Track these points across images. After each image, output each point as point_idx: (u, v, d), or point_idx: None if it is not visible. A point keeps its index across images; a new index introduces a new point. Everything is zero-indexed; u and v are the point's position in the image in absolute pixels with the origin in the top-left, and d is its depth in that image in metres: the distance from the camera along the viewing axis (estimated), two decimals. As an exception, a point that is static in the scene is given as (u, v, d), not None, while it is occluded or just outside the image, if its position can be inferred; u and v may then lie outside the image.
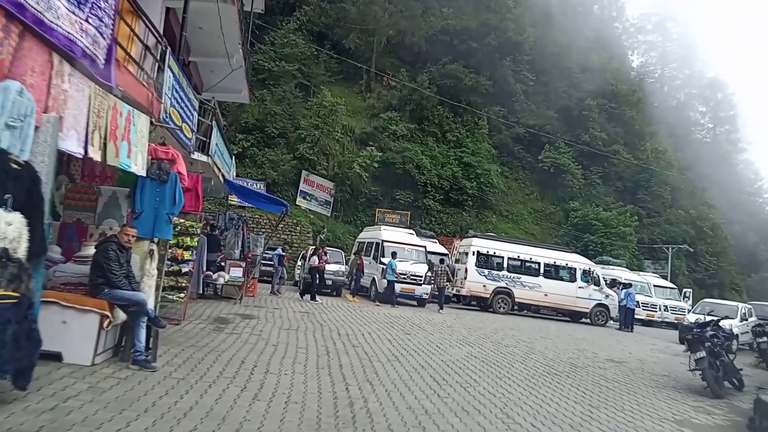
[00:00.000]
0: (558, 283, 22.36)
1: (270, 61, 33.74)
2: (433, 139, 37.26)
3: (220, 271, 15.02)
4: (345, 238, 31.24)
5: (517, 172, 40.94)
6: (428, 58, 39.75)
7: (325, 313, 14.54)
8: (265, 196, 13.82)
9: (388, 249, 20.66)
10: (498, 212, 37.54)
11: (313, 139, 31.25)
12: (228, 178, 13.92)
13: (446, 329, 14.25)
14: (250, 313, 12.57)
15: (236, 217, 15.79)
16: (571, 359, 11.80)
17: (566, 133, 42.05)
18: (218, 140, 12.22)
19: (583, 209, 38.31)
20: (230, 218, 15.60)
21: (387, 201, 34.08)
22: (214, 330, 9.72)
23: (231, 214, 15.68)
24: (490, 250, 22.15)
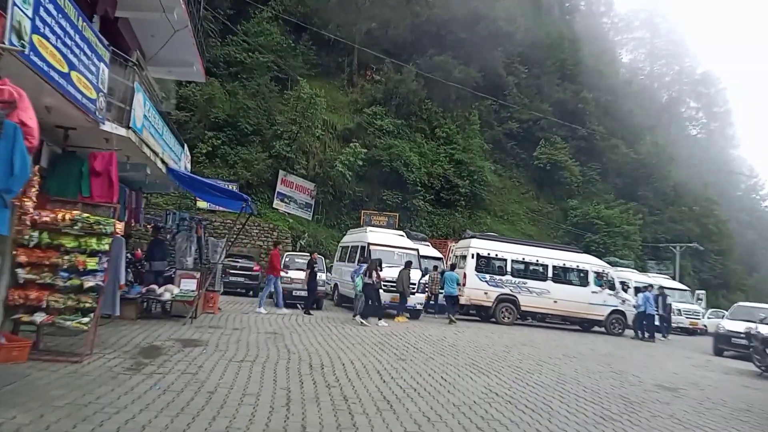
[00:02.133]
0: (568, 288, 19.69)
1: (243, 52, 30.95)
2: (422, 135, 34.64)
3: (168, 284, 12.15)
4: (328, 243, 28.41)
5: (511, 169, 38.45)
6: (414, 50, 37.20)
7: (301, 333, 11.70)
8: (219, 189, 11.00)
9: (376, 253, 17.87)
10: (492, 212, 34.98)
11: (291, 135, 28.43)
12: (174, 167, 11.06)
13: (449, 349, 11.48)
14: (197, 338, 9.70)
15: (188, 218, 12.90)
16: (616, 389, 9.08)
17: (562, 128, 39.67)
18: (151, 113, 9.37)
19: (583, 207, 35.91)
20: (181, 219, 12.71)
21: (373, 202, 31.34)
22: (128, 369, 6.86)
23: (182, 214, 12.80)
24: (492, 252, 19.45)
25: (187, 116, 27.85)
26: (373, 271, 14.94)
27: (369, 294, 14.93)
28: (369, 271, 14.97)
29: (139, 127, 8.58)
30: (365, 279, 14.98)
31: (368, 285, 14.92)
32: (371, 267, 15.06)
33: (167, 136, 11.09)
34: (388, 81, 34.29)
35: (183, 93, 28.31)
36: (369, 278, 14.90)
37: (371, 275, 14.89)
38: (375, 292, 14.99)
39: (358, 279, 15.51)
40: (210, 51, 30.83)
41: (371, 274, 14.91)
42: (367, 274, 14.95)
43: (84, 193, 7.68)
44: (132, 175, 10.71)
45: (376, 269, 15.10)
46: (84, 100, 6.78)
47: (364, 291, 15.05)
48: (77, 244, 7.19)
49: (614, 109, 42.64)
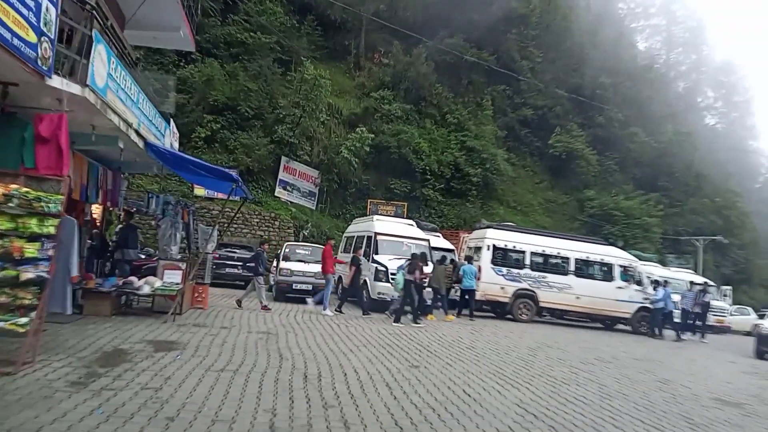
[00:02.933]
0: (592, 282, 18.15)
1: (244, 32, 29.36)
2: (432, 121, 33.02)
3: (149, 276, 10.74)
4: (332, 233, 26.91)
5: (524, 158, 36.79)
6: (424, 32, 35.38)
7: (299, 333, 10.28)
8: (205, 167, 9.55)
9: (383, 244, 16.44)
10: (505, 203, 33.39)
11: (294, 119, 26.90)
12: (153, 142, 9.61)
13: (467, 353, 10.02)
14: (175, 340, 8.29)
15: (173, 202, 11.43)
16: (671, 405, 7.59)
17: (578, 115, 37.97)
18: (120, 74, 7.91)
19: (601, 198, 34.24)
20: (165, 202, 11.26)
21: (380, 191, 29.84)
22: (73, 384, 5.45)
23: (167, 198, 11.33)
24: (509, 243, 17.92)
25: (184, 99, 26.36)
26: (416, 268, 13.60)
27: (410, 292, 13.58)
28: (412, 268, 13.61)
29: (101, 88, 7.12)
30: (407, 276, 13.61)
31: (410, 282, 13.56)
32: (415, 263, 13.70)
33: (146, 106, 9.64)
34: (397, 64, 32.67)
35: (181, 74, 26.86)
36: (411, 275, 13.53)
37: (414, 272, 13.55)
38: (417, 291, 13.70)
39: (399, 275, 14.13)
40: (210, 30, 29.41)
41: (414, 270, 13.56)
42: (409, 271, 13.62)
43: (27, 164, 6.25)
44: (103, 150, 9.28)
45: (420, 266, 13.75)
46: (16, 41, 5.33)
47: (404, 289, 13.67)
48: (13, 226, 5.76)
49: (632, 96, 40.79)
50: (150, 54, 27.23)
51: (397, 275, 14.20)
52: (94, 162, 9.64)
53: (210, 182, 10.65)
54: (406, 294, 13.65)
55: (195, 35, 28.90)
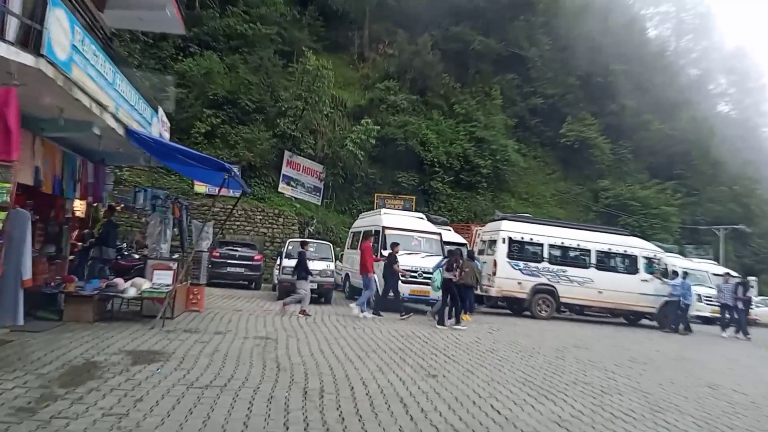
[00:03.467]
0: (615, 276, 17.07)
1: (243, 24, 28.40)
2: (439, 112, 31.96)
3: (136, 278, 9.79)
4: (338, 230, 26.06)
5: (535, 148, 35.62)
6: (429, 21, 34.41)
7: (301, 337, 9.29)
8: (193, 156, 8.57)
9: (391, 238, 15.40)
10: (517, 195, 32.30)
11: (296, 112, 25.95)
12: (135, 129, 8.64)
13: (488, 357, 9.00)
14: (159, 349, 7.32)
15: (163, 196, 10.46)
16: (733, 418, 6.52)
17: (590, 103, 36.75)
18: (89, 48, 6.93)
19: (616, 188, 33.05)
20: (154, 197, 10.29)
21: (387, 185, 28.84)
22: (18, 411, 4.47)
23: (155, 192, 10.36)
24: (526, 235, 16.85)
25: (183, 93, 25.46)
26: (454, 265, 12.59)
27: (451, 291, 12.55)
28: (450, 265, 12.60)
29: (63, 61, 6.13)
30: (446, 274, 12.59)
31: (449, 281, 12.52)
32: (453, 260, 12.68)
33: (125, 88, 8.66)
34: (402, 53, 31.61)
35: (179, 68, 25.97)
36: (450, 273, 12.51)
37: (452, 270, 12.52)
38: (457, 290, 12.64)
39: (437, 273, 13.17)
40: (208, 23, 28.51)
41: (452, 268, 12.54)
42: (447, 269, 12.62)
43: (-32, 147, 5.27)
44: (78, 138, 8.31)
45: (459, 263, 12.75)
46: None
47: (443, 288, 12.67)
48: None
49: (645, 83, 39.51)
50: (147, 48, 26.41)
51: (435, 274, 13.27)
52: (69, 152, 8.69)
53: (201, 173, 9.67)
54: (448, 294, 12.61)
55: (192, 26, 28.33)
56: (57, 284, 8.84)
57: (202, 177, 10.29)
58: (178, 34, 26.65)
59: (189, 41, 27.52)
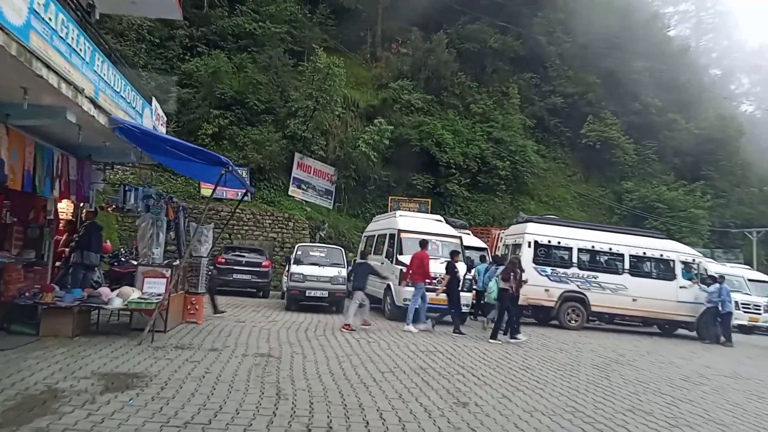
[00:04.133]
0: (650, 282, 15.72)
1: (252, 23, 27.53)
2: (455, 112, 30.80)
3: (124, 287, 8.75)
4: (351, 234, 24.98)
5: (555, 149, 34.28)
6: (445, 19, 33.33)
7: (308, 353, 8.17)
8: (185, 148, 7.52)
9: (409, 243, 14.24)
10: (536, 197, 30.99)
11: (307, 112, 24.92)
12: (119, 118, 7.61)
13: (523, 377, 7.82)
14: (140, 371, 6.24)
15: (155, 196, 9.40)
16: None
17: (612, 102, 35.34)
18: (51, 11, 5.88)
19: (640, 190, 31.58)
20: (145, 196, 9.24)
21: (402, 188, 27.73)
22: None
23: (147, 190, 9.30)
24: (553, 239, 15.59)
25: (190, 93, 24.64)
26: (511, 274, 11.45)
27: (506, 304, 11.47)
28: (506, 274, 11.48)
29: (17, 26, 5.10)
30: (502, 284, 11.51)
31: (505, 292, 11.43)
32: (510, 268, 11.56)
33: (109, 73, 7.63)
34: (416, 52, 30.54)
35: (186, 68, 25.16)
36: (506, 283, 11.41)
37: (509, 279, 11.40)
38: (514, 302, 11.60)
39: (492, 283, 12.10)
40: (216, 22, 27.73)
41: (510, 277, 11.41)
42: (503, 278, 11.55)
43: None
44: (51, 127, 7.28)
45: (516, 271, 11.59)
46: None
47: (499, 299, 11.62)
48: None
49: (668, 81, 37.97)
50: (153, 48, 25.65)
51: (491, 284, 12.19)
52: (44, 144, 7.67)
53: (195, 169, 8.61)
54: (503, 306, 11.52)
55: (200, 26, 27.56)
56: (33, 294, 7.80)
57: (197, 173, 9.22)
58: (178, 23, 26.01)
59: (196, 41, 26.80)
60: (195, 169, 8.73)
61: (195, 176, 10.61)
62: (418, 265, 12.39)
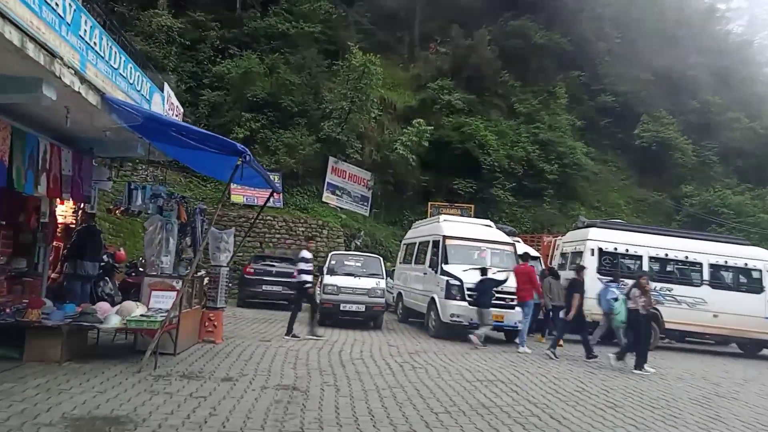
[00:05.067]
0: (734, 295, 13.68)
1: (285, 23, 26.50)
2: (498, 112, 29.05)
3: (127, 303, 7.45)
4: (388, 243, 23.51)
5: (605, 152, 32.07)
6: (485, 16, 31.69)
7: (341, 383, 6.67)
8: (194, 133, 6.19)
9: (454, 251, 12.67)
10: (587, 203, 28.86)
11: (342, 114, 23.63)
12: (114, 97, 6.32)
13: (612, 416, 6.11)
14: (126, 413, 4.83)
15: (164, 195, 8.06)
16: None
17: (668, 100, 32.95)
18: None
19: (702, 194, 29.07)
20: (154, 195, 7.93)
21: (442, 193, 26.09)
22: None
23: (156, 189, 7.99)
24: (619, 245, 13.72)
25: (221, 96, 23.72)
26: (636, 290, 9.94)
27: (643, 326, 10.02)
28: (636, 291, 9.97)
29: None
30: (631, 304, 10.04)
31: (636, 313, 9.89)
32: (640, 284, 9.99)
33: (99, 42, 6.33)
34: (457, 50, 28.96)
35: (217, 70, 24.27)
36: (635, 301, 9.89)
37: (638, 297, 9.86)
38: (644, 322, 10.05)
39: (620, 304, 10.60)
40: (249, 23, 26.85)
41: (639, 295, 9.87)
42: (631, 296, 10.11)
43: None
44: (28, 107, 6.00)
45: (646, 288, 10.06)
46: None
47: (631, 323, 10.15)
48: None
49: (729, 77, 35.29)
50: (184, 51, 24.89)
51: (617, 304, 10.70)
52: (25, 129, 6.42)
53: (209, 161, 7.26)
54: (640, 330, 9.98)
55: (232, 28, 26.72)
56: (15, 311, 6.54)
57: (213, 167, 7.81)
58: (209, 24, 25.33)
59: (228, 43, 25.90)
60: (209, 162, 7.37)
61: (211, 172, 9.25)
62: (524, 280, 11.32)
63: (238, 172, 6.62)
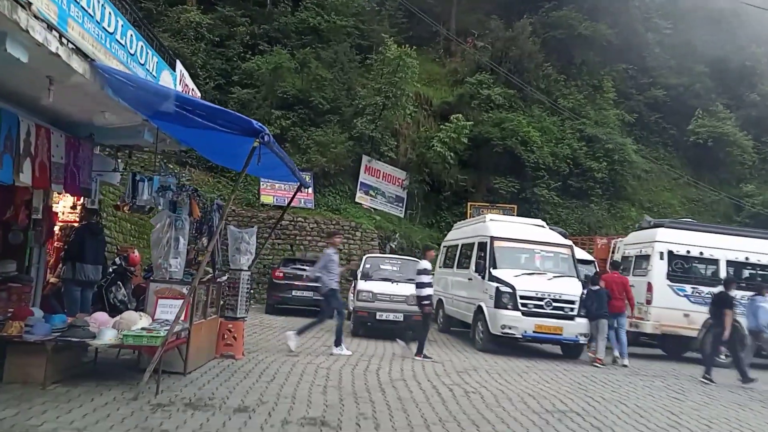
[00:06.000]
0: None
1: (317, 17, 25.50)
2: (541, 107, 27.40)
3: (129, 313, 6.34)
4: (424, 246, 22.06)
5: (656, 149, 29.99)
6: (526, 7, 30.09)
7: (379, 411, 5.38)
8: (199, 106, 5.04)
9: (504, 254, 11.26)
10: (638, 203, 26.94)
11: (376, 109, 22.43)
12: (106, 66, 5.19)
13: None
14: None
15: (174, 188, 6.87)
16: None
17: (724, 94, 30.70)
18: None
19: (764, 194, 26.80)
20: (162, 188, 6.79)
21: (481, 194, 24.61)
22: None
23: (165, 180, 6.84)
24: (692, 248, 12.06)
25: (251, 93, 22.82)
26: None
27: None
28: None
29: None
30: None
31: None
32: None
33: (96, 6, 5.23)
34: (496, 42, 27.44)
35: (246, 67, 23.40)
36: None
37: None
38: None
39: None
40: (279, 19, 25.94)
41: None
42: None
43: None
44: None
45: None
46: None
47: None
48: None
49: (791, 69, 32.77)
50: (212, 48, 24.12)
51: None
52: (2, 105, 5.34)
53: (222, 145, 6.08)
54: None
55: (262, 23, 25.88)
56: (-9, 323, 5.47)
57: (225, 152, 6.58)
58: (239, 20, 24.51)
59: (258, 39, 25.05)
60: (225, 147, 6.17)
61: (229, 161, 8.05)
62: (620, 290, 10.52)
63: (254, 157, 5.39)
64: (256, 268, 20.22)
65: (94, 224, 7.29)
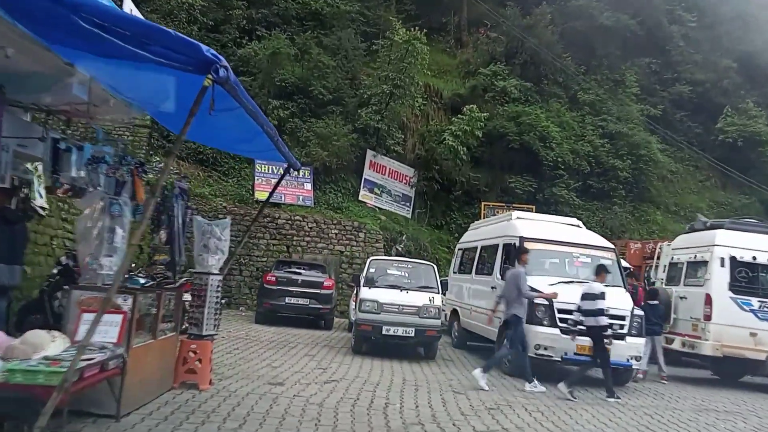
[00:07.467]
0: None
1: (318, 1, 23.72)
2: (559, 102, 25.55)
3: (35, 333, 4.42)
4: (434, 249, 20.35)
5: (681, 149, 28.04)
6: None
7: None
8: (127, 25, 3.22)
9: (535, 258, 9.34)
10: (663, 206, 25.06)
11: (382, 98, 20.59)
12: None
13: None
14: None
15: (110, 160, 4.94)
16: None
17: (753, 90, 28.79)
18: None
19: (799, 198, 24.95)
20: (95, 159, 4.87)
21: (495, 193, 22.77)
22: None
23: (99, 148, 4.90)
24: (759, 254, 10.10)
25: (247, 81, 20.91)
26: None
27: None
28: None
29: None
30: None
31: None
32: None
33: None
34: (512, 31, 25.59)
35: (243, 53, 21.58)
36: None
37: None
38: None
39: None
40: (279, 3, 24.12)
41: None
42: None
43: None
44: None
45: None
46: None
47: None
48: None
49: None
50: (206, 32, 22.31)
51: None
52: None
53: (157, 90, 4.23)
54: None
55: (261, 7, 24.10)
56: None
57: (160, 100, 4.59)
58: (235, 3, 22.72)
59: (256, 24, 23.23)
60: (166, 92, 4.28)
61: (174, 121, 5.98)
62: None
63: (206, 101, 3.54)
64: (249, 271, 18.53)
65: (10, 210, 5.42)
